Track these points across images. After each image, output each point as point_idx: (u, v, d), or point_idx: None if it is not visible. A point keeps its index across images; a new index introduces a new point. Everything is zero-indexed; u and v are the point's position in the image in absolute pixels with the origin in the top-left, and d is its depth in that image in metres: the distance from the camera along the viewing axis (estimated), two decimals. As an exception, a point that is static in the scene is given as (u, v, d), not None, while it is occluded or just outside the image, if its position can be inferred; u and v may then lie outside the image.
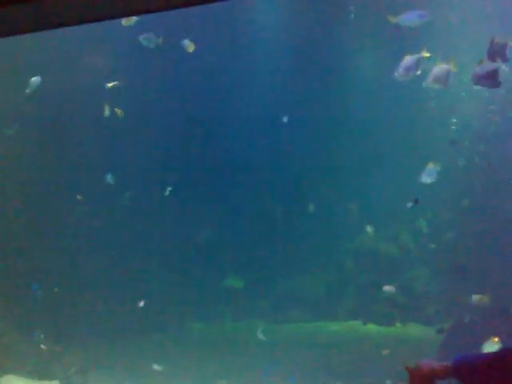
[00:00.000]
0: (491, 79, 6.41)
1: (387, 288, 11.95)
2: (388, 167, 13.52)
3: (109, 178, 13.05)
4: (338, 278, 13.92)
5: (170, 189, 13.63)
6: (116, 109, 12.82)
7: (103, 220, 14.01)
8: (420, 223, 13.34)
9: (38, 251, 13.40)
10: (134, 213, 14.19)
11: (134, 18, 10.93)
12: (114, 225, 14.08)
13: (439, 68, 6.92)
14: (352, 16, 14.00)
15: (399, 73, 7.37)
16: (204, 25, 13.67)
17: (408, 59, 7.34)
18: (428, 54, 7.29)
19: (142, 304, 11.89)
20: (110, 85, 12.92)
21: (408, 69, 7.29)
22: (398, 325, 13.22)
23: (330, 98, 14.46)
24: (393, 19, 9.80)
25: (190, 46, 12.18)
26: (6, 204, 13.68)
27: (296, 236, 14.20)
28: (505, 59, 7.34)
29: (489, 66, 6.55)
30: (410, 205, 11.49)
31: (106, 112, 12.98)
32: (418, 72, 7.31)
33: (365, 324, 13.22)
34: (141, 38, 12.03)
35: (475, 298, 10.65)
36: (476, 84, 6.56)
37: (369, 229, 13.37)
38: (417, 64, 7.32)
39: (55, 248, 13.53)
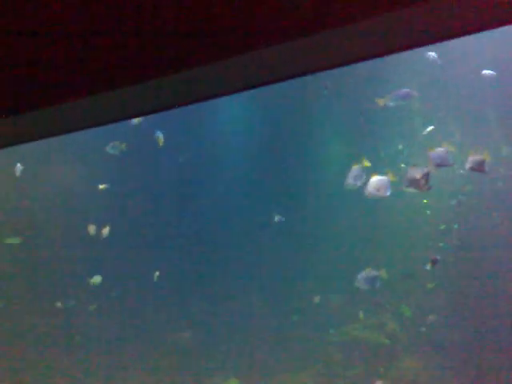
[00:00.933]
0: (422, 183, 7.88)
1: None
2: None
3: (94, 279, 14.34)
4: (327, 373, 14.58)
5: (157, 274, 14.92)
6: (103, 227, 14.26)
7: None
8: (403, 308, 14.35)
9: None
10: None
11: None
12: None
13: (377, 179, 8.31)
14: (325, 92, 15.21)
15: (347, 183, 8.82)
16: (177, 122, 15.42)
17: (354, 169, 8.80)
18: (369, 164, 8.76)
19: None
20: (101, 187, 14.47)
21: (355, 178, 8.74)
22: (397, 419, 13.76)
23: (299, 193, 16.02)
24: (381, 102, 11.17)
25: (160, 139, 13.77)
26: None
27: (280, 330, 15.13)
28: (448, 164, 8.90)
29: (420, 170, 8.05)
30: (428, 267, 12.47)
31: (92, 231, 14.32)
32: (364, 180, 8.74)
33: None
34: (107, 147, 13.70)
35: None
36: (408, 187, 8.00)
37: (361, 315, 14.43)
38: (362, 173, 8.78)
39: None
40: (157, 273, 15.03)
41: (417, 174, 7.93)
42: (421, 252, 14.43)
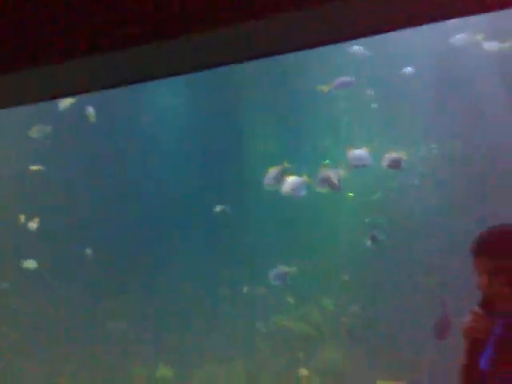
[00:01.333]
0: (331, 184, 8.52)
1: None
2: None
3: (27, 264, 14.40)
4: (255, 362, 15.19)
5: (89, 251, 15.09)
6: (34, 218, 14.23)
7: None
8: (324, 301, 15.11)
9: None
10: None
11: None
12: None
13: (293, 179, 8.89)
14: None
15: (267, 183, 9.35)
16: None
17: (272, 171, 9.33)
18: (289, 165, 9.31)
19: None
20: (34, 168, 14.13)
21: (274, 179, 9.27)
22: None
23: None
24: (325, 88, 11.59)
25: (91, 115, 13.48)
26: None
27: (209, 322, 15.65)
28: (366, 164, 9.56)
29: (330, 171, 8.68)
30: (368, 243, 13.23)
31: (22, 220, 14.16)
32: (283, 181, 9.27)
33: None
34: (30, 131, 13.32)
35: None
36: (320, 187, 8.63)
37: (289, 305, 15.11)
38: (280, 174, 9.31)
39: None
40: (88, 250, 15.11)
41: (327, 175, 8.55)
42: (345, 245, 15.13)
